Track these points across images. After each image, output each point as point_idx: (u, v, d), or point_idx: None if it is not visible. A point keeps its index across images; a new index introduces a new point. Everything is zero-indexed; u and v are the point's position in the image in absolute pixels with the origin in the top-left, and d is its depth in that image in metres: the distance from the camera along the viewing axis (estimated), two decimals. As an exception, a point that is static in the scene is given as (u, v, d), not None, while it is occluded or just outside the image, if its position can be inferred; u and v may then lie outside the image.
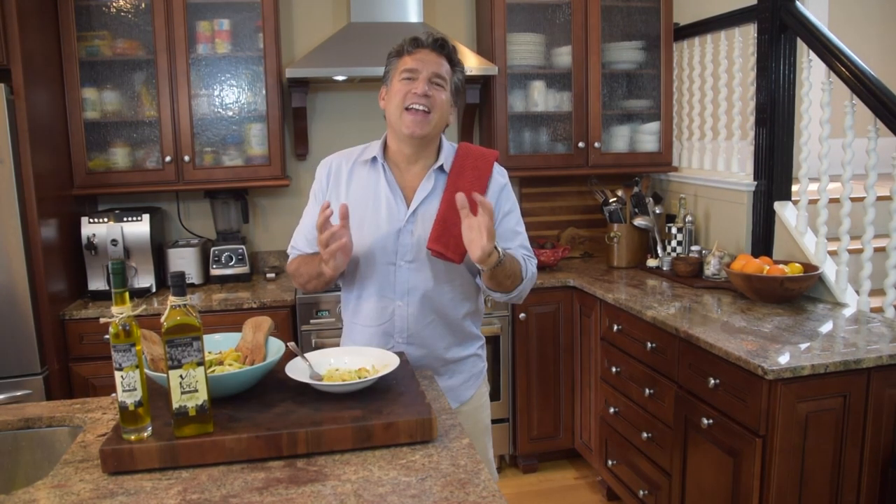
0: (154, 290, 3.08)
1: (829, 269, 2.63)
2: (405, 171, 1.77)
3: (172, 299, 1.30)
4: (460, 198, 1.53)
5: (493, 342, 3.18)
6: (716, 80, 3.27)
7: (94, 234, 2.96)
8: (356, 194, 1.76)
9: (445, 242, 1.67)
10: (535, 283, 1.84)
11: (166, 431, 1.32)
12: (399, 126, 1.68)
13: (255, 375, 1.50)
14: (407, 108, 1.65)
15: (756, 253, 2.91)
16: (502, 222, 1.77)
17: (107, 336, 1.35)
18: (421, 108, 1.64)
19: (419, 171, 1.77)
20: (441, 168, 1.76)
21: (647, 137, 3.54)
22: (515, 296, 1.74)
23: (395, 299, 1.75)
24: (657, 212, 3.40)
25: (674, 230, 3.27)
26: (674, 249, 3.27)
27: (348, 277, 1.82)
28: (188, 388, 1.29)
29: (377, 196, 1.75)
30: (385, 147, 1.79)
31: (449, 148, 1.79)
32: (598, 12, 3.37)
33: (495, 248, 1.56)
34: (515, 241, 1.79)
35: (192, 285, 3.18)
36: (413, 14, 3.28)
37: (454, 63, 1.73)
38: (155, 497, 1.20)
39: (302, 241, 1.85)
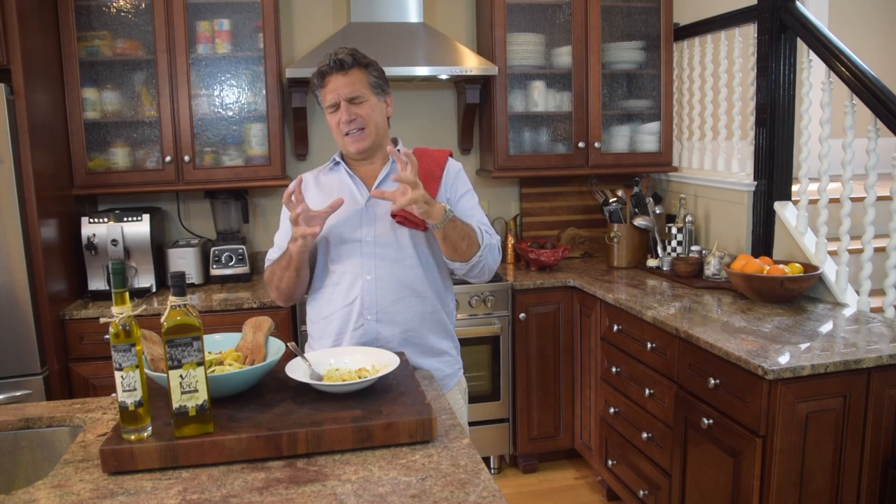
0: (154, 290, 3.08)
1: (829, 269, 2.63)
2: (364, 167, 1.89)
3: (172, 299, 1.30)
4: (392, 150, 1.63)
5: (493, 342, 3.18)
6: (716, 80, 3.27)
7: (94, 234, 2.96)
8: (322, 191, 1.88)
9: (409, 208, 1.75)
10: (498, 260, 1.85)
11: (166, 431, 1.32)
12: (346, 149, 1.85)
13: (255, 375, 1.50)
14: (345, 135, 1.80)
15: (756, 253, 2.91)
16: (459, 202, 1.87)
17: (107, 336, 1.35)
18: (355, 130, 1.79)
19: (377, 165, 1.88)
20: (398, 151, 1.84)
21: (647, 137, 3.54)
22: (475, 265, 1.76)
23: (364, 274, 1.80)
24: (657, 212, 3.40)
25: (674, 230, 3.27)
26: (674, 249, 3.27)
27: (315, 272, 1.89)
28: (188, 388, 1.29)
29: (340, 187, 1.88)
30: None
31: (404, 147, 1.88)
32: (598, 12, 3.37)
33: (444, 207, 1.66)
34: (475, 217, 1.87)
35: (192, 285, 3.18)
36: (413, 14, 3.28)
37: (364, 66, 1.80)
38: (155, 497, 1.20)
39: (277, 253, 1.90)
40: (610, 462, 2.95)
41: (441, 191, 1.84)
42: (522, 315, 3.18)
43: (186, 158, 3.09)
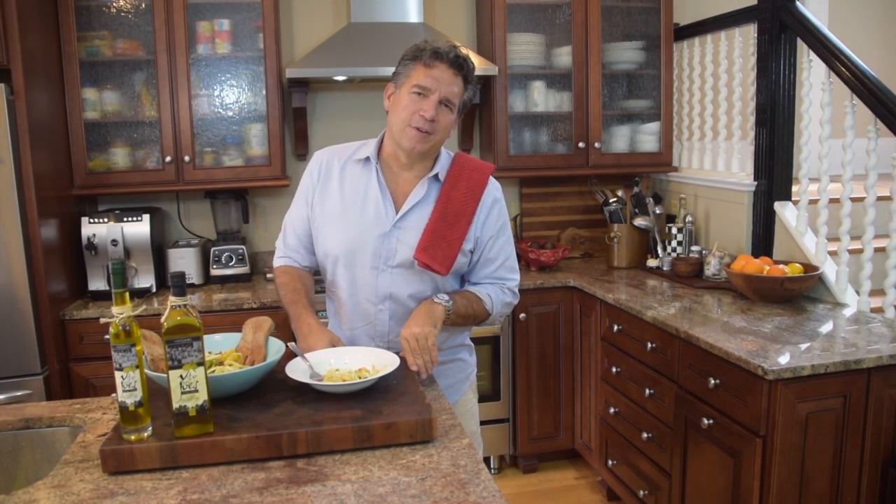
0: (154, 290, 3.08)
1: (829, 270, 2.63)
2: (398, 175, 1.74)
3: (172, 299, 1.30)
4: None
5: (493, 342, 3.18)
6: (716, 80, 3.27)
7: (94, 234, 2.96)
8: (346, 192, 1.74)
9: (433, 254, 1.67)
10: (514, 305, 1.87)
11: (166, 431, 1.32)
12: (401, 138, 1.67)
13: (255, 375, 1.50)
14: (413, 126, 1.64)
15: (756, 253, 2.91)
16: (489, 245, 1.78)
17: (107, 336, 1.35)
18: (425, 129, 1.64)
19: (412, 178, 1.74)
20: (436, 177, 1.74)
21: (647, 137, 3.54)
22: (488, 324, 1.85)
23: (377, 303, 1.73)
24: (657, 212, 3.40)
25: (674, 230, 3.27)
26: (674, 249, 3.27)
27: (327, 273, 1.79)
28: (188, 389, 1.29)
29: (366, 197, 1.72)
30: (381, 147, 1.77)
31: (445, 157, 1.78)
32: (598, 12, 3.37)
33: (435, 302, 1.66)
34: (498, 261, 1.80)
35: (192, 285, 3.17)
36: (413, 14, 3.28)
37: (470, 82, 1.70)
38: (155, 497, 1.20)
39: (292, 239, 1.80)
40: (610, 462, 2.95)
41: (471, 230, 1.73)
42: (522, 315, 3.18)
43: (186, 158, 3.09)
